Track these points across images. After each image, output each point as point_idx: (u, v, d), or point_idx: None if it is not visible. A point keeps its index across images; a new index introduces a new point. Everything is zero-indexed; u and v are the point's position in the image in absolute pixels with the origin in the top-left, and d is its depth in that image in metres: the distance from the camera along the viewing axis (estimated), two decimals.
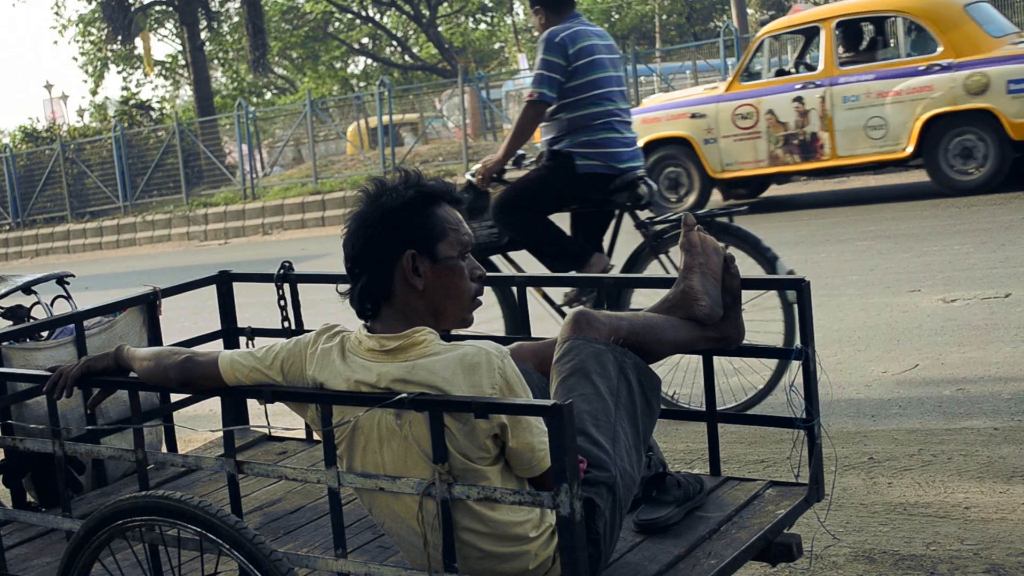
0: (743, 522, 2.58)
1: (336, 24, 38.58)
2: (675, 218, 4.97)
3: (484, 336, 2.83)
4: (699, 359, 2.81)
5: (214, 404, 4.23)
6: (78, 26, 33.51)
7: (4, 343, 3.24)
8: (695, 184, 11.55)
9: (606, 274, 4.88)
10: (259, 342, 3.57)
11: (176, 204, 20.83)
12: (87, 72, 35.03)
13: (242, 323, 3.75)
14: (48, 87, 41.41)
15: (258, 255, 14.72)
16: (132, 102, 26.19)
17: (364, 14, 37.24)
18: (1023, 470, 3.90)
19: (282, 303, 3.60)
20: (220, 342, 3.72)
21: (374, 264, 2.23)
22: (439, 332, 2.26)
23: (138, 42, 28.11)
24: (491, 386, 2.12)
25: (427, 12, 34.61)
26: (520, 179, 5.19)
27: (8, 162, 23.20)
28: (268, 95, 40.73)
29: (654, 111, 11.89)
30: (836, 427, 4.59)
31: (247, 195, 19.95)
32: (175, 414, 3.60)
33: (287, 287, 3.60)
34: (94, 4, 29.87)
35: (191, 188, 20.97)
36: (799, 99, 10.85)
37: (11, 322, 3.78)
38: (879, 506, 3.76)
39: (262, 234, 18.39)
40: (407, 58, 38.74)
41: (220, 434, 2.89)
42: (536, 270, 5.25)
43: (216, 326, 3.77)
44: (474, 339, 2.31)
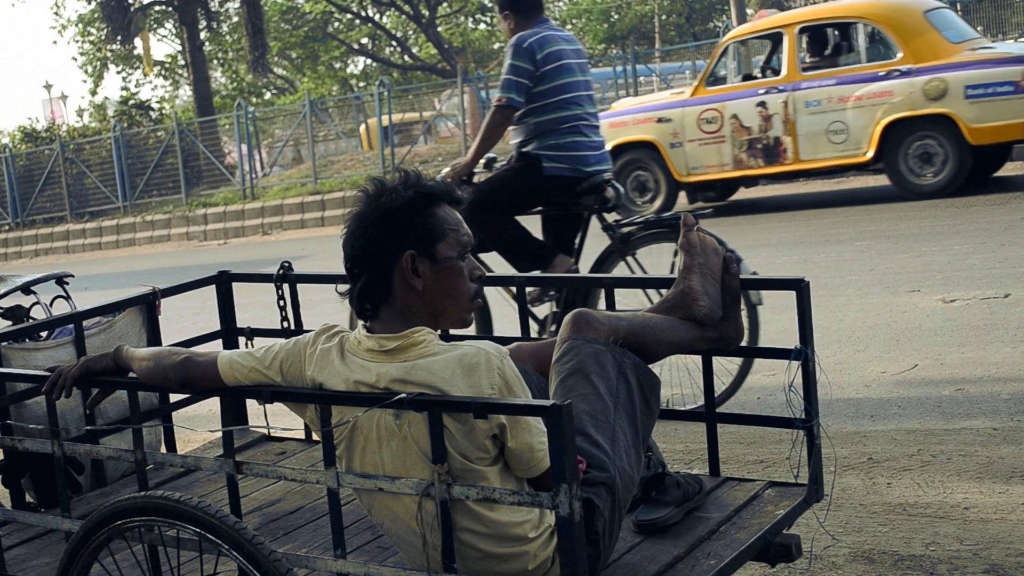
0: (742, 522, 2.58)
1: (336, 24, 38.59)
2: (641, 221, 5.04)
3: (483, 336, 2.83)
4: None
5: (213, 404, 4.22)
6: (77, 26, 33.52)
7: (3, 343, 3.24)
8: (662, 187, 11.65)
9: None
10: (258, 342, 3.56)
11: (175, 204, 20.82)
12: (86, 72, 35.05)
13: (241, 323, 3.75)
14: (47, 87, 41.56)
15: (257, 255, 14.71)
16: (131, 102, 26.20)
17: (363, 14, 37.25)
18: (1022, 470, 3.90)
19: (281, 303, 3.60)
20: (219, 342, 3.72)
21: (373, 264, 2.23)
22: (438, 332, 2.26)
23: (137, 42, 28.14)
24: (490, 386, 2.12)
25: (426, 12, 34.61)
26: (488, 179, 5.24)
27: (7, 162, 23.19)
28: (268, 95, 40.73)
29: (621, 115, 12.02)
30: (835, 427, 4.59)
31: (246, 195, 19.94)
32: (174, 414, 3.60)
33: (286, 287, 3.60)
34: (93, 4, 29.85)
35: (190, 188, 20.96)
36: (763, 104, 10.95)
37: (10, 322, 3.77)
38: (878, 506, 3.76)
39: (261, 234, 18.38)
40: (407, 58, 38.75)
41: (219, 434, 2.89)
42: (505, 271, 5.27)
43: (215, 326, 3.77)
44: (473, 339, 2.31)
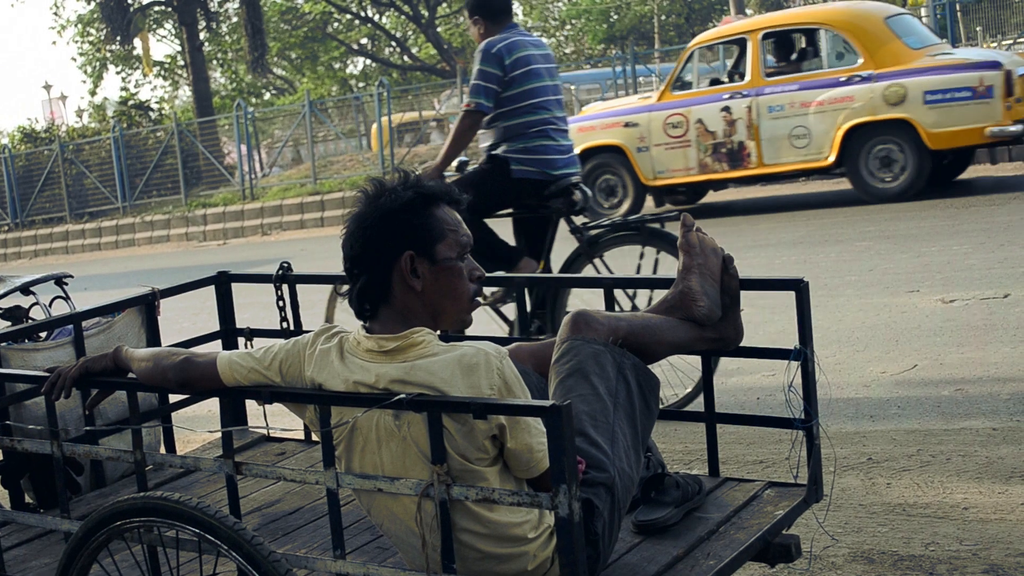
0: (742, 523, 2.58)
1: (335, 25, 38.59)
2: (608, 224, 5.12)
3: (483, 337, 2.83)
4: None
5: (212, 405, 4.23)
6: (77, 26, 33.50)
7: (2, 344, 3.24)
8: (629, 191, 11.77)
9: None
10: (258, 343, 3.56)
11: (175, 205, 20.80)
12: (86, 72, 35.04)
13: (241, 324, 3.75)
14: (47, 87, 41.50)
15: (257, 256, 14.71)
16: (131, 102, 26.16)
17: (363, 15, 37.25)
18: (1022, 470, 3.90)
19: (281, 304, 3.60)
20: (219, 343, 3.72)
21: (373, 265, 2.23)
22: (437, 333, 2.26)
23: (137, 42, 28.12)
24: (489, 387, 2.12)
25: (426, 12, 34.60)
26: (456, 181, 5.31)
27: (7, 163, 23.17)
28: (267, 95, 40.73)
29: (590, 120, 12.15)
30: (835, 428, 4.59)
31: (246, 196, 19.93)
32: (174, 415, 3.60)
33: (286, 288, 3.60)
34: (93, 4, 29.83)
35: (190, 189, 20.96)
36: (727, 109, 11.07)
37: (9, 323, 3.77)
38: (878, 507, 3.76)
39: (261, 235, 18.38)
40: (406, 58, 38.75)
41: (219, 435, 2.88)
42: None
43: (215, 327, 3.77)
44: (472, 340, 2.31)
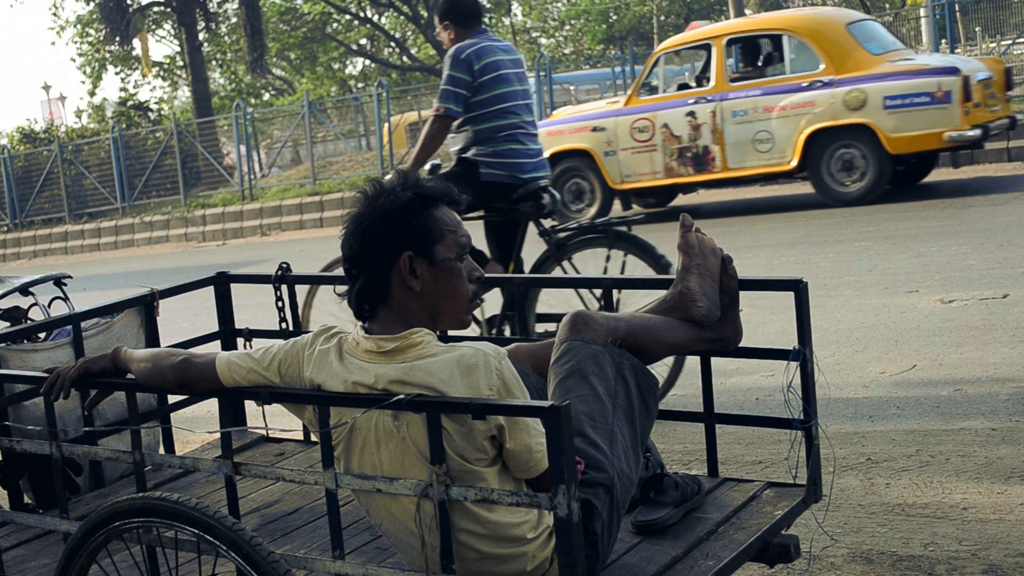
0: (741, 523, 2.58)
1: (334, 25, 38.59)
2: (576, 227, 5.19)
3: (482, 337, 2.83)
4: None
5: (212, 405, 4.22)
6: (76, 27, 33.49)
7: (1, 344, 3.24)
8: (597, 195, 11.91)
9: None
10: (257, 343, 3.55)
11: (174, 205, 20.80)
12: (85, 73, 35.01)
13: (240, 324, 3.75)
14: (46, 88, 41.46)
15: (256, 256, 14.71)
16: (130, 103, 26.15)
17: (362, 15, 37.25)
18: (1021, 470, 3.90)
19: (280, 304, 3.60)
20: (218, 343, 3.72)
21: (371, 266, 2.23)
22: (437, 333, 2.26)
23: (136, 43, 28.11)
24: (488, 387, 2.12)
25: (425, 13, 34.58)
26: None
27: (6, 163, 23.17)
28: (266, 96, 40.72)
29: (559, 124, 12.29)
30: (834, 428, 4.59)
31: (245, 196, 19.93)
32: (173, 415, 3.60)
33: (285, 288, 3.60)
34: (92, 5, 29.82)
35: (189, 189, 20.95)
36: (692, 113, 11.21)
37: (8, 323, 3.77)
38: (877, 507, 3.76)
39: (260, 235, 18.38)
40: (405, 59, 38.75)
41: (218, 435, 2.89)
42: None
43: (214, 327, 3.77)
44: (472, 340, 2.31)
